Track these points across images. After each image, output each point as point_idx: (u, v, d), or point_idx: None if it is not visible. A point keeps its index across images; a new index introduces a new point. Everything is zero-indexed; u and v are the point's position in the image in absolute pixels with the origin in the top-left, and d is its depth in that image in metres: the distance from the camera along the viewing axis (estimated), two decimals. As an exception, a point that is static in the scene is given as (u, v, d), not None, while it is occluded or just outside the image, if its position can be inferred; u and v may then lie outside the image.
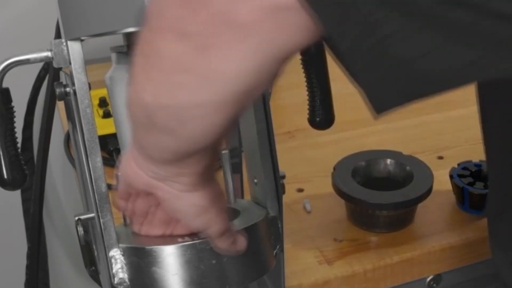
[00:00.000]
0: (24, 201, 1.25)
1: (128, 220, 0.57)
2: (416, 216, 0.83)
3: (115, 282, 0.55)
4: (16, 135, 0.58)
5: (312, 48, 0.64)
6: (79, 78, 0.53)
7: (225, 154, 0.65)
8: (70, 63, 0.53)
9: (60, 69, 0.57)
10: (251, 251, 0.57)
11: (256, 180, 0.63)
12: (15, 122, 0.58)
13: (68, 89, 0.54)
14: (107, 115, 0.97)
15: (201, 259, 0.54)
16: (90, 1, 0.51)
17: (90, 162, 0.54)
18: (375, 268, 0.76)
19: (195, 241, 0.54)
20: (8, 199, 1.18)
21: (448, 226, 0.83)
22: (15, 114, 0.58)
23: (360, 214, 0.82)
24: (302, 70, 0.64)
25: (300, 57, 0.63)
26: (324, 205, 0.86)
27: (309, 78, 0.64)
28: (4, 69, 0.56)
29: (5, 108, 0.57)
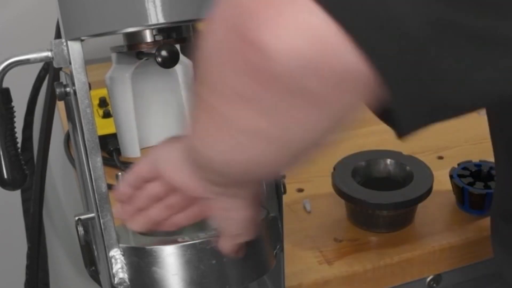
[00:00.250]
0: (24, 201, 1.25)
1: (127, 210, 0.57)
2: (416, 216, 0.83)
3: (115, 282, 0.55)
4: (16, 135, 0.58)
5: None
6: (79, 78, 0.53)
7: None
8: (70, 63, 0.53)
9: (60, 69, 0.57)
10: (251, 251, 0.57)
11: (256, 180, 0.63)
12: (15, 122, 0.58)
13: (68, 89, 0.54)
14: (107, 115, 0.97)
15: (201, 259, 0.54)
16: (90, 1, 0.51)
17: (90, 162, 0.54)
18: (375, 268, 0.76)
19: (195, 241, 0.54)
20: (8, 199, 1.18)
21: (448, 226, 0.83)
22: (15, 114, 0.58)
23: (360, 214, 0.82)
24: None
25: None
26: (324, 205, 0.86)
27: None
28: (4, 69, 0.56)
29: (5, 108, 0.57)
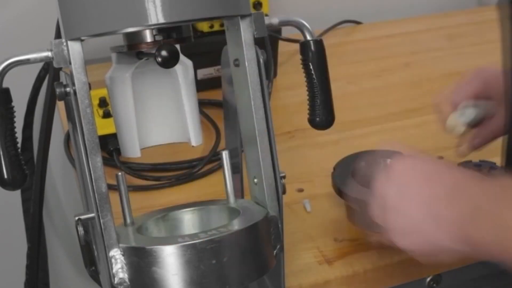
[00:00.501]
0: (24, 201, 1.25)
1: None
2: (416, 216, 0.83)
3: (115, 282, 0.55)
4: (16, 135, 0.58)
5: (312, 48, 0.64)
6: (79, 78, 0.53)
7: (225, 154, 0.65)
8: (70, 63, 0.53)
9: (60, 69, 0.57)
10: (251, 251, 0.57)
11: (256, 180, 0.63)
12: (15, 122, 0.58)
13: (68, 89, 0.54)
14: (107, 115, 0.97)
15: (201, 259, 0.54)
16: (90, 1, 0.52)
17: (90, 162, 0.54)
18: (375, 268, 0.76)
19: (195, 241, 0.54)
20: (8, 199, 1.18)
21: (448, 226, 0.83)
22: (15, 114, 0.58)
23: (360, 214, 0.81)
24: (302, 70, 0.64)
25: (300, 57, 0.63)
26: (324, 205, 0.86)
27: (309, 78, 0.64)
28: (4, 69, 0.56)
29: (5, 108, 0.57)
